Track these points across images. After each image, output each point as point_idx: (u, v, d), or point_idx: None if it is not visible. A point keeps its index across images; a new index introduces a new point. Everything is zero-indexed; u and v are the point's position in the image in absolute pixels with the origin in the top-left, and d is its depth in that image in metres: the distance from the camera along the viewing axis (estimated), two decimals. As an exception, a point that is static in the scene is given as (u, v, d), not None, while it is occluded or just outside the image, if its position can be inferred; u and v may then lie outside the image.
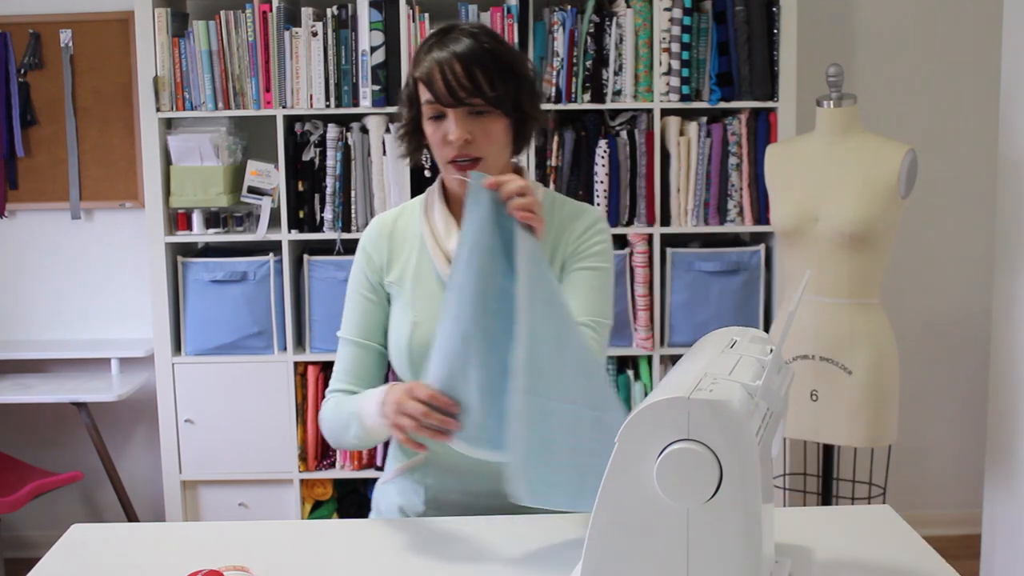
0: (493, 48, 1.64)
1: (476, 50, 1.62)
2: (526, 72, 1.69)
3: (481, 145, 1.64)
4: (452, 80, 1.61)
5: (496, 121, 1.65)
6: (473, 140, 1.63)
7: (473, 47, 1.62)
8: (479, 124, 1.63)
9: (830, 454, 2.98)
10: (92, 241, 3.65)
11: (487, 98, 1.62)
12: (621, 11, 3.18)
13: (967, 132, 3.65)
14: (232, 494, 3.38)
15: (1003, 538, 2.99)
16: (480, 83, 1.61)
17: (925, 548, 1.53)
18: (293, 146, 3.26)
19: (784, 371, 1.41)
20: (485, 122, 1.64)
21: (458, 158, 1.64)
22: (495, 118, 1.64)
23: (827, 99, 2.80)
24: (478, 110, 1.63)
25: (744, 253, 3.28)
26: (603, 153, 3.20)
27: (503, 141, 1.67)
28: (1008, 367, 2.92)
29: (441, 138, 1.65)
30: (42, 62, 3.55)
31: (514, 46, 1.72)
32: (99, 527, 1.71)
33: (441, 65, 1.62)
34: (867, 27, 3.61)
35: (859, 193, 2.69)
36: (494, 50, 1.64)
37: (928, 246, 3.70)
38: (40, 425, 3.70)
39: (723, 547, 1.18)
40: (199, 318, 3.31)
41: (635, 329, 3.29)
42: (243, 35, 3.21)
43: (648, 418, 1.18)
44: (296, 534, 1.65)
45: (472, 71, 1.61)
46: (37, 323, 3.68)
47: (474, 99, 1.62)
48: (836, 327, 2.76)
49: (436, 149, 1.68)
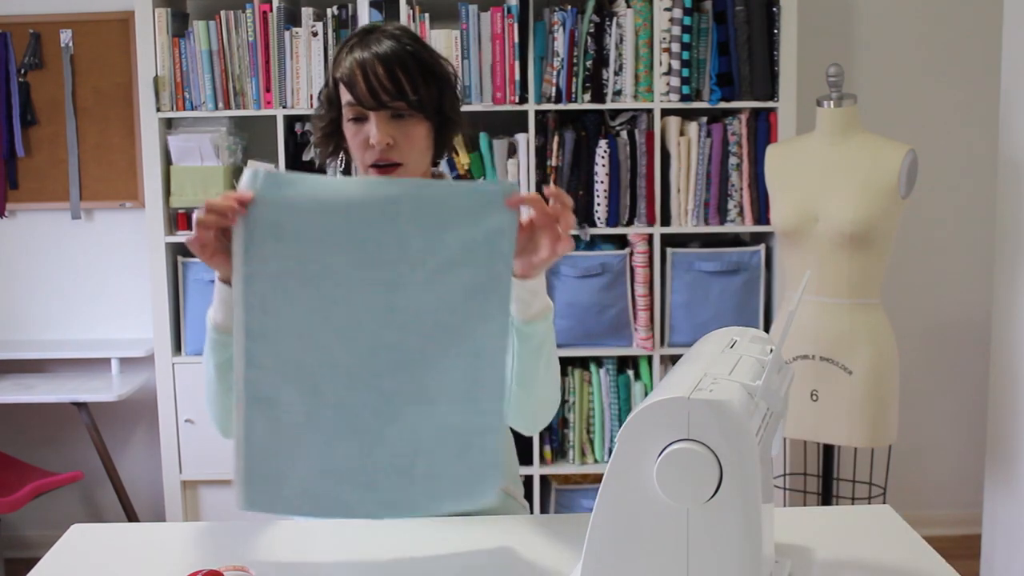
0: (415, 50, 1.60)
1: (399, 52, 1.58)
2: (448, 75, 1.65)
3: (403, 150, 1.60)
4: (375, 82, 1.57)
5: (418, 125, 1.61)
6: (395, 144, 1.59)
7: (396, 48, 1.58)
8: (401, 128, 1.60)
9: (830, 454, 2.98)
10: (92, 241, 3.65)
11: (409, 101, 1.58)
12: (621, 11, 3.18)
13: (967, 132, 3.65)
14: (232, 494, 3.37)
15: (1003, 538, 2.99)
16: (403, 86, 1.57)
17: (925, 548, 1.53)
18: (293, 146, 3.26)
19: (784, 371, 1.41)
20: (407, 126, 1.60)
21: (379, 162, 1.60)
22: (417, 122, 1.61)
23: (827, 99, 2.80)
24: (400, 113, 1.59)
25: (744, 253, 3.28)
26: (603, 153, 3.20)
27: (424, 145, 1.64)
28: (1008, 367, 2.92)
29: (362, 141, 1.60)
30: (42, 62, 3.55)
31: (434, 49, 1.67)
32: (99, 527, 1.71)
33: (363, 66, 1.57)
34: (867, 27, 3.61)
35: (859, 193, 2.69)
36: (416, 52, 1.60)
37: (928, 246, 3.69)
38: (40, 425, 3.70)
39: (723, 547, 1.18)
40: (199, 318, 3.30)
41: (635, 329, 3.29)
42: (243, 35, 3.22)
43: (648, 418, 1.18)
44: (296, 534, 1.65)
45: (395, 73, 1.57)
46: (37, 323, 3.68)
47: (397, 102, 1.58)
48: (836, 327, 2.76)
49: (356, 152, 1.63)
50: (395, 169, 1.61)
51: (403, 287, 1.43)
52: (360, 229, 1.42)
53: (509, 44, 3.17)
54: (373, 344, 1.45)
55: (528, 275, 1.49)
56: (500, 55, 3.18)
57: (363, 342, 1.45)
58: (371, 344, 1.45)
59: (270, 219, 1.42)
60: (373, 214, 1.42)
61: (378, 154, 1.60)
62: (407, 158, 1.61)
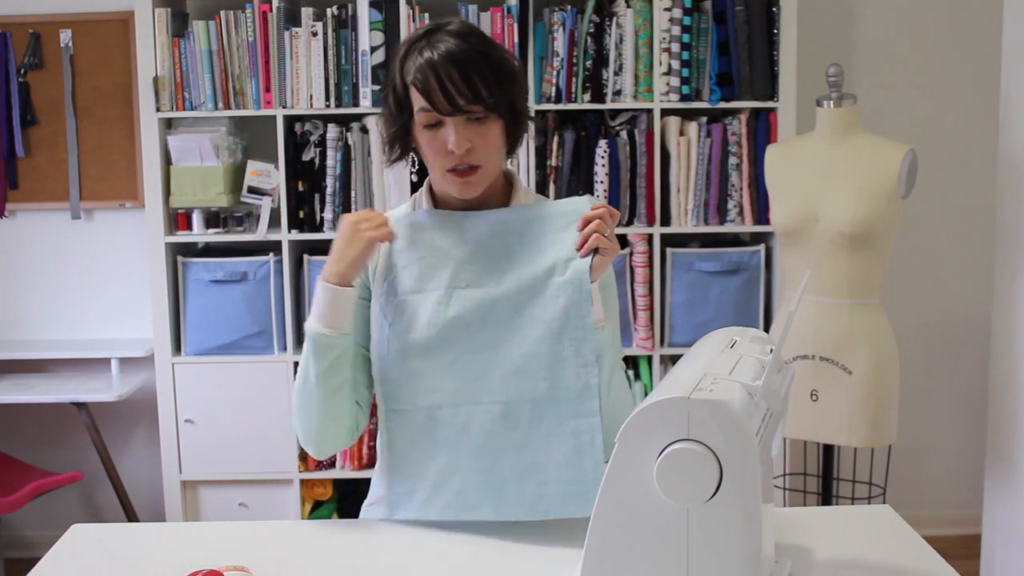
0: (486, 51, 1.59)
1: (471, 54, 1.57)
2: (516, 71, 1.64)
3: (480, 152, 1.60)
4: (451, 88, 1.55)
5: (493, 125, 1.60)
6: (473, 148, 1.59)
7: (467, 50, 1.57)
8: (478, 131, 1.59)
9: (830, 454, 2.98)
10: (92, 241, 3.65)
11: (486, 104, 1.57)
12: (621, 11, 3.18)
13: (967, 132, 3.65)
14: (232, 494, 3.38)
15: (1003, 538, 2.99)
16: (479, 89, 1.56)
17: (925, 548, 1.53)
18: (293, 146, 3.27)
19: (784, 371, 1.41)
20: (483, 128, 1.59)
21: (458, 166, 1.60)
22: (492, 122, 1.60)
23: (827, 99, 2.80)
24: (476, 117, 1.58)
25: (744, 253, 3.28)
26: (603, 153, 3.20)
27: (500, 144, 1.64)
28: (1008, 367, 2.92)
29: (439, 147, 1.59)
30: (42, 62, 3.55)
31: (497, 43, 1.66)
32: (99, 527, 1.71)
33: (437, 71, 1.56)
34: (867, 27, 3.61)
35: (859, 193, 2.69)
36: (487, 53, 1.59)
37: (928, 246, 3.70)
38: (40, 425, 3.70)
39: (723, 547, 1.18)
40: (199, 318, 3.31)
41: (635, 329, 3.29)
42: (243, 35, 3.22)
43: (648, 418, 1.18)
44: (296, 534, 1.65)
45: (470, 77, 1.56)
46: (37, 323, 3.68)
47: (473, 106, 1.57)
48: (836, 327, 2.76)
49: (432, 157, 1.62)
50: (474, 172, 1.61)
51: (506, 292, 1.60)
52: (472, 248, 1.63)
53: (509, 44, 3.17)
54: (480, 341, 1.59)
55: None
56: (500, 55, 3.18)
57: (472, 341, 1.59)
58: (479, 341, 1.59)
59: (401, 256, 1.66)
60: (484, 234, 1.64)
61: (457, 159, 1.59)
62: (484, 160, 1.61)
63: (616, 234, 3.34)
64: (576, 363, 1.57)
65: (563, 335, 1.57)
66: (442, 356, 1.60)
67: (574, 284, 1.57)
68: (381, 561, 1.54)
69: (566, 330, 1.57)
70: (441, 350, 1.60)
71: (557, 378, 1.57)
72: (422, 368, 1.61)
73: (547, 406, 1.57)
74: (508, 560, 1.51)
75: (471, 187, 1.63)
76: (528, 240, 1.63)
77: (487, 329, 1.60)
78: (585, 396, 1.56)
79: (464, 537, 1.59)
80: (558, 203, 1.68)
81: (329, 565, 1.53)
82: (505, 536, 1.58)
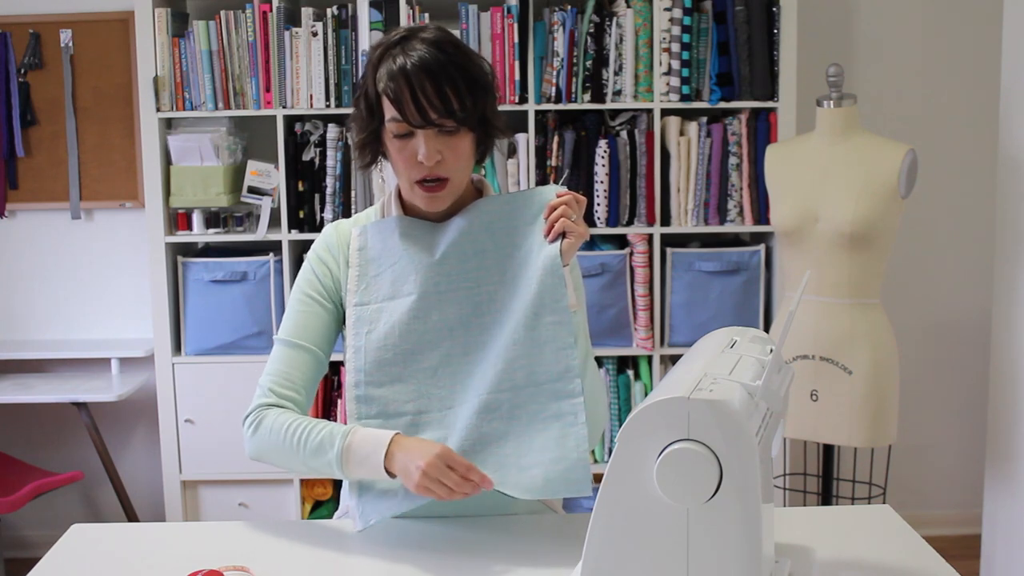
0: (461, 62, 1.56)
1: (445, 65, 1.54)
2: (489, 81, 1.62)
3: (450, 164, 1.58)
4: (424, 100, 1.53)
5: (464, 138, 1.59)
6: (443, 160, 1.57)
7: (441, 61, 1.54)
8: (448, 143, 1.57)
9: (830, 454, 2.98)
10: (92, 241, 3.65)
11: (457, 118, 1.55)
12: (621, 11, 3.18)
13: (967, 132, 3.65)
14: (232, 494, 3.38)
15: (1003, 538, 2.99)
16: (451, 103, 1.54)
17: (925, 548, 1.53)
18: (293, 146, 3.27)
19: (784, 371, 1.41)
20: (454, 141, 1.57)
21: (427, 178, 1.59)
22: (463, 135, 1.58)
23: (827, 99, 2.80)
24: (448, 130, 1.56)
25: (744, 253, 3.28)
26: (603, 153, 3.20)
27: (469, 155, 1.62)
28: (1008, 367, 2.92)
29: (408, 157, 1.58)
30: (42, 62, 3.55)
31: (471, 49, 1.64)
32: (99, 527, 1.71)
33: (410, 82, 1.53)
34: (867, 27, 3.61)
35: (859, 193, 2.69)
36: (462, 64, 1.56)
37: (928, 246, 3.69)
38: (40, 425, 3.70)
39: (723, 547, 1.18)
40: (199, 318, 3.31)
41: (635, 329, 3.29)
42: (243, 35, 3.21)
43: (648, 418, 1.18)
44: (296, 534, 1.65)
45: (443, 90, 1.53)
46: (37, 323, 3.68)
47: (445, 120, 1.55)
48: (836, 327, 2.76)
49: (401, 167, 1.60)
50: (442, 186, 1.60)
51: (485, 291, 1.62)
52: (444, 250, 1.64)
53: (509, 44, 3.17)
54: (465, 344, 1.61)
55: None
56: (500, 55, 3.18)
57: (456, 344, 1.62)
58: (464, 344, 1.62)
59: (373, 264, 1.68)
60: (455, 235, 1.65)
61: (426, 170, 1.58)
62: (453, 172, 1.60)
63: (616, 234, 3.38)
64: (555, 347, 1.57)
65: (540, 320, 1.58)
66: (425, 362, 1.61)
67: (546, 269, 1.58)
68: (382, 561, 1.53)
69: (542, 314, 1.58)
70: (423, 355, 1.61)
71: (536, 364, 1.57)
72: (404, 375, 1.61)
73: (527, 392, 1.57)
74: (508, 559, 1.51)
75: (438, 202, 1.63)
76: (499, 236, 1.64)
77: (471, 331, 1.61)
78: (566, 378, 1.57)
79: (464, 536, 1.59)
80: (524, 193, 1.68)
81: (329, 565, 1.53)
82: (506, 535, 1.58)
